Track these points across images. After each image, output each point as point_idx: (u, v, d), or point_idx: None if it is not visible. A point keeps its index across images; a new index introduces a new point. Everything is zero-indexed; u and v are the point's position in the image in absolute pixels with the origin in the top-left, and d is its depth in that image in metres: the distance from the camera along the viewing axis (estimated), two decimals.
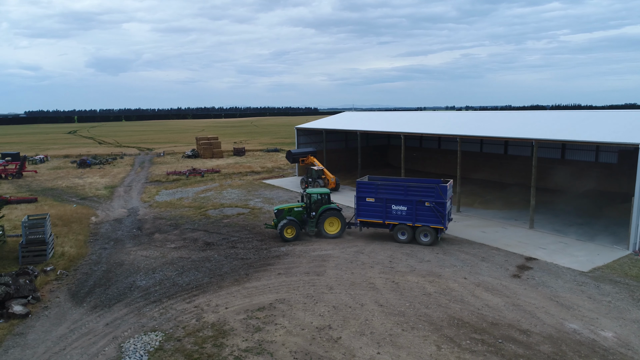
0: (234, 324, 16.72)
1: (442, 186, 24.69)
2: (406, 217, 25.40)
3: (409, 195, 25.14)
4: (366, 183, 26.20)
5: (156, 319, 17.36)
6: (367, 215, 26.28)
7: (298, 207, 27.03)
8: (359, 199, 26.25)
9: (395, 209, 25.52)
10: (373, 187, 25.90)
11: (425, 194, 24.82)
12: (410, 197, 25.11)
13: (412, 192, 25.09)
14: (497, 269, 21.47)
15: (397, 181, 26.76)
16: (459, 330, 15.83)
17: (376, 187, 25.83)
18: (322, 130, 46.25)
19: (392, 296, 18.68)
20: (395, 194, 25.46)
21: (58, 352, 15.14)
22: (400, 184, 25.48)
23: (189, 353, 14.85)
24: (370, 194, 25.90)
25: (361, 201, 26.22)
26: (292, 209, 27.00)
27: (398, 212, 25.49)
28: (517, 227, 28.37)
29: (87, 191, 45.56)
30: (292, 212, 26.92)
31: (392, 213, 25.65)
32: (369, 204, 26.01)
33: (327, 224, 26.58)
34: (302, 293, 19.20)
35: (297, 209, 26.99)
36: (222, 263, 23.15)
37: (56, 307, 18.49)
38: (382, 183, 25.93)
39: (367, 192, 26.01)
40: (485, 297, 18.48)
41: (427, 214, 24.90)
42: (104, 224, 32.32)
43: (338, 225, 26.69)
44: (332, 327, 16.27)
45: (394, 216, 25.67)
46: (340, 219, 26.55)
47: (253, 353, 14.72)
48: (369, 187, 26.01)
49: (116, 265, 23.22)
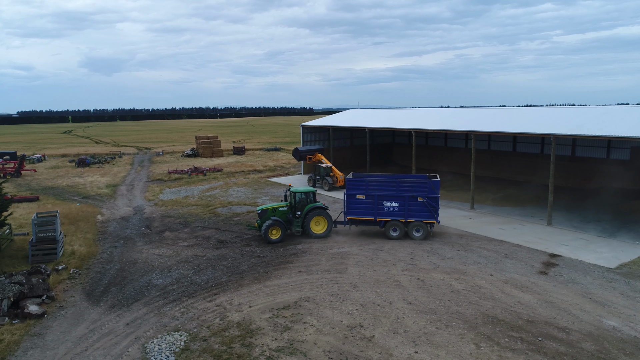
0: (261, 323, 16.12)
1: (435, 181, 24.68)
2: (398, 213, 25.06)
3: (401, 191, 24.83)
4: (356, 180, 25.51)
5: (178, 318, 16.74)
6: (357, 212, 25.56)
7: (282, 207, 25.91)
8: (349, 196, 25.50)
9: (387, 205, 25.09)
10: (363, 184, 25.28)
11: (418, 189, 24.66)
12: (403, 192, 24.82)
13: (404, 187, 24.79)
14: (523, 266, 21.01)
15: (387, 177, 26.33)
16: (495, 328, 15.33)
17: (366, 184, 25.22)
18: (329, 127, 45.70)
19: (419, 294, 18.15)
20: (386, 190, 25.03)
21: (80, 354, 14.48)
22: (392, 180, 25.15)
23: (217, 353, 14.24)
24: (361, 191, 25.27)
25: (351, 199, 25.47)
26: (277, 209, 25.86)
27: (390, 208, 25.09)
28: (535, 224, 27.95)
29: (88, 190, 44.76)
30: (277, 212, 25.77)
31: (383, 210, 25.20)
32: (359, 201, 25.37)
33: (313, 224, 25.67)
34: (327, 291, 18.64)
35: (281, 209, 25.85)
36: (239, 261, 22.53)
37: (72, 307, 17.81)
38: (373, 180, 25.42)
39: (357, 189, 25.35)
40: (515, 294, 18.00)
41: (420, 209, 24.77)
42: (111, 222, 31.60)
43: (324, 224, 25.79)
44: (363, 325, 15.72)
45: (385, 213, 25.24)
46: (326, 218, 25.66)
47: (285, 353, 14.13)
48: (359, 184, 25.35)
49: (129, 264, 22.54)
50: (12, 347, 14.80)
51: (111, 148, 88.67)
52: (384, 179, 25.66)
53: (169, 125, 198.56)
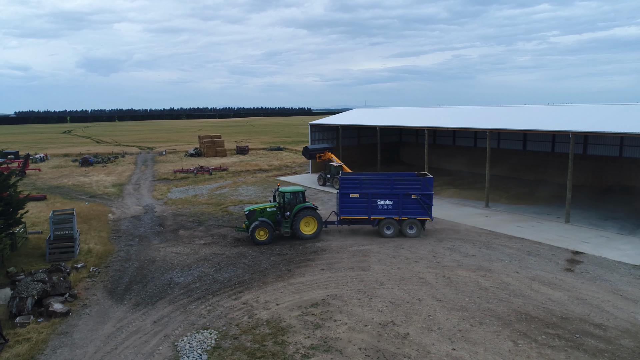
0: (290, 320, 15.89)
1: (428, 178, 24.76)
2: (392, 211, 24.92)
3: (395, 189, 24.70)
4: (350, 179, 25.18)
5: (205, 316, 16.49)
6: (350, 212, 25.25)
7: (271, 208, 25.28)
8: (342, 195, 25.16)
9: (381, 203, 24.91)
10: (357, 182, 24.99)
11: (412, 186, 24.62)
12: (397, 190, 24.70)
13: (398, 185, 24.68)
14: (547, 263, 20.84)
15: (381, 175, 26.20)
16: (530, 325, 15.13)
17: (360, 183, 24.94)
18: (338, 126, 45.49)
19: (447, 291, 17.95)
20: (381, 188, 24.85)
21: (110, 352, 14.21)
22: (386, 178, 25.01)
23: (250, 351, 14.00)
24: (354, 189, 24.98)
25: (344, 197, 25.14)
26: (265, 210, 25.22)
27: (384, 206, 24.93)
28: (552, 221, 27.81)
29: (95, 189, 44.43)
30: (265, 212, 25.13)
31: (377, 208, 24.99)
32: (352, 200, 25.05)
33: (302, 224, 25.00)
34: (353, 288, 18.41)
35: (270, 210, 25.20)
36: (259, 259, 22.29)
37: (96, 305, 17.53)
38: (367, 178, 25.19)
39: (351, 188, 25.03)
40: (544, 291, 17.81)
41: (414, 206, 24.74)
42: (123, 220, 31.30)
43: (314, 225, 25.21)
44: (395, 323, 15.50)
45: (379, 211, 25.04)
46: (316, 219, 25.11)
47: (320, 350, 13.90)
48: (353, 183, 25.04)
49: (148, 262, 22.27)
50: (41, 345, 14.52)
51: (113, 148, 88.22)
52: (378, 177, 25.49)
53: (169, 125, 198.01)
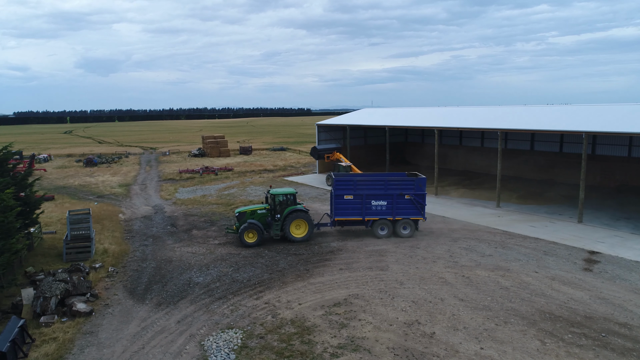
0: (315, 320, 15.91)
1: (421, 178, 24.92)
2: (386, 211, 24.95)
3: (389, 189, 24.73)
4: (344, 180, 25.07)
5: (228, 315, 16.50)
6: (345, 213, 25.12)
7: (261, 210, 25.02)
8: (337, 197, 24.98)
9: (375, 204, 24.90)
10: (351, 184, 24.91)
11: (405, 186, 24.72)
12: (391, 191, 24.74)
13: (392, 186, 24.72)
14: (565, 263, 20.90)
15: (374, 176, 26.22)
16: (555, 324, 15.18)
17: (355, 184, 24.87)
18: (346, 126, 45.52)
19: (469, 290, 17.99)
20: (375, 189, 24.85)
21: (138, 352, 14.22)
22: (380, 179, 25.04)
23: (278, 350, 14.02)
24: (349, 191, 24.89)
25: (339, 199, 24.98)
26: (255, 212, 24.96)
27: (378, 207, 24.93)
28: (565, 221, 27.88)
29: (101, 189, 44.42)
30: (255, 214, 24.89)
31: (371, 209, 24.98)
32: (347, 201, 24.93)
33: (293, 227, 24.66)
34: (374, 288, 18.45)
35: (260, 211, 24.94)
36: (277, 259, 22.30)
37: (118, 305, 17.53)
38: (361, 179, 25.19)
39: (345, 189, 24.91)
40: (566, 290, 17.86)
41: (407, 207, 24.86)
42: (134, 220, 31.29)
43: (305, 227, 24.81)
44: (420, 322, 15.53)
45: (373, 212, 25.03)
46: (307, 221, 24.72)
47: (348, 350, 13.93)
48: (347, 184, 24.92)
49: (165, 262, 22.27)
50: (68, 345, 14.53)
51: (116, 148, 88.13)
52: (372, 178, 25.52)
53: (169, 125, 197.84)
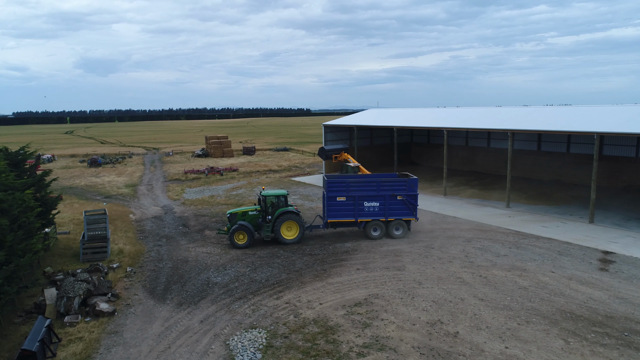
0: (337, 320, 16.01)
1: (413, 179, 25.06)
2: (379, 212, 25.04)
3: (381, 190, 24.85)
4: (337, 182, 25.03)
5: (250, 315, 16.60)
6: (338, 215, 25.07)
7: (253, 211, 24.97)
8: (330, 198, 24.89)
9: (367, 205, 24.98)
10: (344, 185, 24.93)
11: (397, 187, 24.86)
12: (383, 192, 24.85)
13: (384, 187, 24.84)
14: (581, 263, 21.03)
15: (367, 177, 26.23)
16: (576, 324, 15.30)
17: (347, 185, 24.86)
18: (353, 126, 45.62)
19: (487, 290, 18.11)
20: (367, 190, 24.92)
21: (164, 351, 14.31)
22: (373, 180, 25.14)
23: (304, 350, 14.12)
24: (341, 192, 24.87)
25: (332, 201, 24.91)
26: (247, 213, 24.91)
27: (370, 208, 25.02)
28: (576, 221, 28.02)
29: (108, 190, 44.47)
30: (247, 216, 24.84)
31: (364, 210, 25.06)
32: (339, 203, 24.91)
33: (284, 229, 24.57)
34: (393, 288, 18.55)
35: (251, 213, 24.89)
36: (293, 259, 22.40)
37: (139, 305, 17.62)
38: (353, 180, 25.22)
39: (338, 191, 24.86)
40: (584, 290, 17.99)
41: (399, 207, 25.00)
42: (145, 221, 31.36)
43: (296, 229, 24.72)
44: (443, 321, 15.64)
45: (366, 213, 25.09)
46: (298, 223, 24.62)
47: (374, 349, 14.04)
48: (340, 186, 24.91)
49: (181, 262, 22.35)
50: (94, 344, 14.61)
51: (119, 148, 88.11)
52: (364, 179, 25.61)
53: (170, 125, 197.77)
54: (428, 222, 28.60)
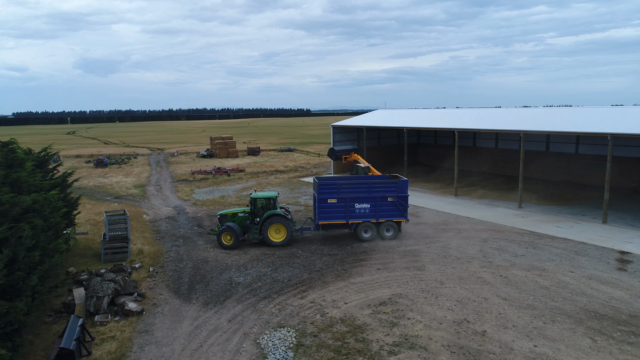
0: (364, 319, 16.20)
1: (403, 180, 25.11)
2: (370, 214, 25.08)
3: (372, 192, 24.89)
4: (328, 184, 25.08)
5: (277, 315, 16.78)
6: (329, 217, 25.04)
7: (242, 213, 25.23)
8: (321, 201, 24.85)
9: (358, 207, 24.99)
10: (335, 187, 24.83)
11: (388, 189, 24.93)
12: (374, 193, 24.90)
13: (375, 188, 24.89)
14: (598, 263, 21.24)
15: (357, 179, 26.29)
16: (601, 323, 15.51)
17: (338, 187, 24.89)
18: (363, 127, 45.83)
19: (509, 290, 18.32)
20: (358, 192, 24.95)
21: (197, 350, 14.50)
22: (363, 182, 25.20)
23: (335, 348, 14.31)
24: (332, 194, 24.82)
25: (323, 203, 24.87)
26: (236, 215, 25.20)
27: (361, 210, 25.03)
28: (589, 222, 28.25)
29: (117, 190, 44.62)
30: (236, 217, 25.12)
31: (355, 212, 25.06)
32: (331, 205, 24.87)
33: (272, 231, 24.53)
34: (416, 288, 18.75)
35: (240, 215, 25.16)
36: (312, 259, 22.59)
37: (166, 304, 17.80)
38: (344, 182, 25.30)
39: (329, 193, 24.85)
40: (605, 290, 18.21)
41: (390, 209, 25.04)
42: (159, 221, 31.52)
43: (284, 232, 24.63)
44: (469, 320, 15.85)
45: (357, 215, 25.08)
46: (285, 226, 24.51)
47: (405, 347, 14.23)
48: (331, 188, 24.84)
49: (201, 262, 22.52)
50: (127, 343, 14.80)
51: (124, 149, 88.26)
52: (354, 181, 25.65)
53: (172, 126, 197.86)
54: (442, 223, 28.83)
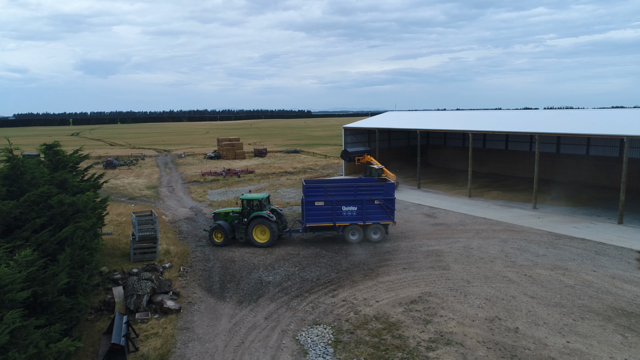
0: (398, 316, 16.64)
1: (390, 184, 25.30)
2: (356, 217, 25.37)
3: (358, 195, 25.17)
4: (314, 187, 25.25)
5: (311, 312, 17.21)
6: (316, 219, 25.23)
7: (233, 212, 25.86)
8: (308, 203, 25.07)
9: (345, 209, 25.28)
10: (321, 190, 25.06)
11: (375, 192, 25.17)
12: (360, 196, 25.17)
13: (361, 191, 25.16)
14: (619, 262, 21.69)
15: (344, 182, 26.67)
16: (630, 320, 15.96)
17: (325, 190, 25.17)
18: (375, 129, 46.30)
19: (536, 289, 18.76)
20: (345, 195, 25.25)
21: (239, 346, 14.92)
22: (350, 185, 25.44)
23: (373, 344, 14.74)
24: (319, 197, 25.05)
25: (310, 206, 25.08)
26: (229, 214, 25.89)
27: (348, 212, 25.29)
28: (605, 222, 28.70)
29: (130, 191, 44.97)
30: (229, 217, 25.84)
31: (342, 214, 25.29)
32: (318, 207, 25.10)
33: (258, 232, 24.98)
34: (444, 286, 19.19)
35: (232, 214, 25.83)
36: (337, 259, 23.03)
37: (201, 302, 18.22)
38: (331, 185, 25.57)
39: (316, 195, 25.08)
40: (629, 288, 18.66)
41: (377, 212, 25.28)
42: (179, 222, 31.92)
43: (269, 234, 25.03)
44: (500, 318, 16.29)
45: (344, 217, 25.32)
46: (268, 228, 24.79)
47: (441, 343, 14.67)
48: (318, 191, 25.10)
49: (228, 262, 22.95)
50: (170, 340, 15.21)
51: (130, 150, 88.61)
52: (341, 184, 25.93)
53: (174, 127, 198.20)
54: (459, 223, 29.28)
